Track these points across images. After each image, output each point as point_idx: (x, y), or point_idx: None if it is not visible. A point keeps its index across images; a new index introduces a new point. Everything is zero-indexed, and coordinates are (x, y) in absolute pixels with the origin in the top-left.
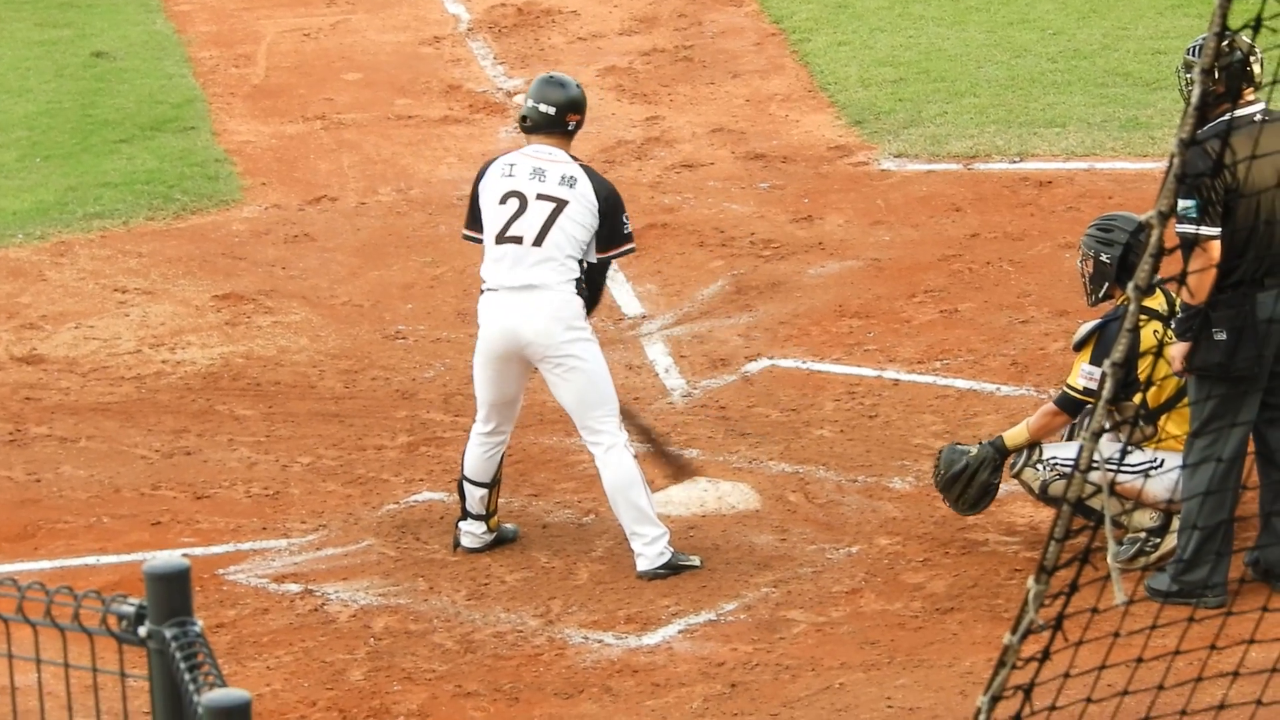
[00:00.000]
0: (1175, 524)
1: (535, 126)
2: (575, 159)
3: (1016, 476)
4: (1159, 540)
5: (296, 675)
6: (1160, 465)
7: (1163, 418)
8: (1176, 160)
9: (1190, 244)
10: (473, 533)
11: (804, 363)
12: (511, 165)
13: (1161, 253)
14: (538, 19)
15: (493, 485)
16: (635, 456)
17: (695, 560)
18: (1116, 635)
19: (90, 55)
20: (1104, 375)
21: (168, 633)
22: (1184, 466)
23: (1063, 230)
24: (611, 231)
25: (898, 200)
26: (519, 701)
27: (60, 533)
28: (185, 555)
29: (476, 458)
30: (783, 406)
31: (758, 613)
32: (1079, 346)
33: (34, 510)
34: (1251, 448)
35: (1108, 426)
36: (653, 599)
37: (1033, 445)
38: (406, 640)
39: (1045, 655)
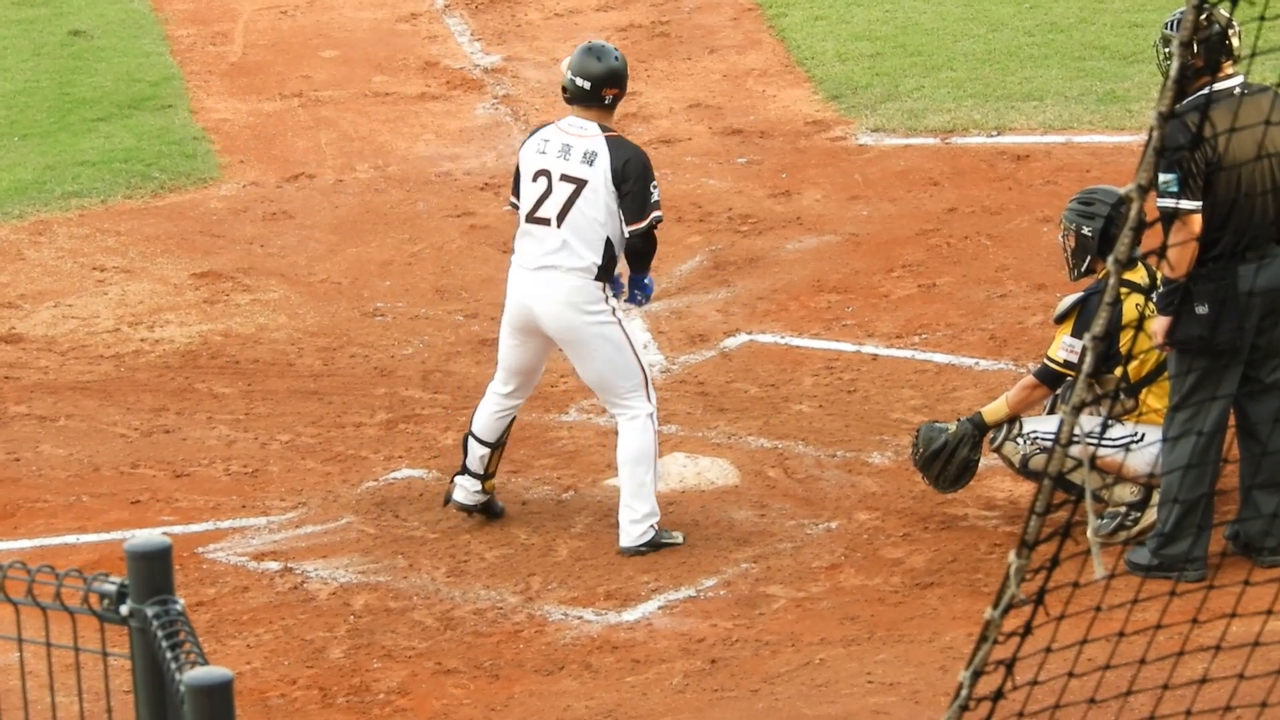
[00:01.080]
0: (1155, 498)
1: (573, 99)
2: (606, 129)
3: (997, 451)
4: (1139, 515)
5: (277, 653)
6: (1141, 439)
7: (1144, 391)
8: (1155, 134)
9: (1170, 217)
10: (467, 488)
11: (782, 338)
12: (546, 141)
13: (1142, 226)
14: None
15: (496, 447)
16: (657, 430)
17: (677, 537)
18: (1098, 610)
19: (68, 34)
20: (1084, 349)
21: (149, 611)
22: (1164, 440)
23: (1041, 204)
24: (634, 201)
25: (875, 175)
26: (499, 679)
27: (40, 511)
28: (165, 534)
29: (487, 415)
30: (761, 382)
31: (737, 588)
32: (1060, 319)
33: (13, 489)
34: (1232, 421)
35: (1088, 400)
36: (632, 575)
37: (1013, 419)
38: (386, 618)
39: (1027, 630)
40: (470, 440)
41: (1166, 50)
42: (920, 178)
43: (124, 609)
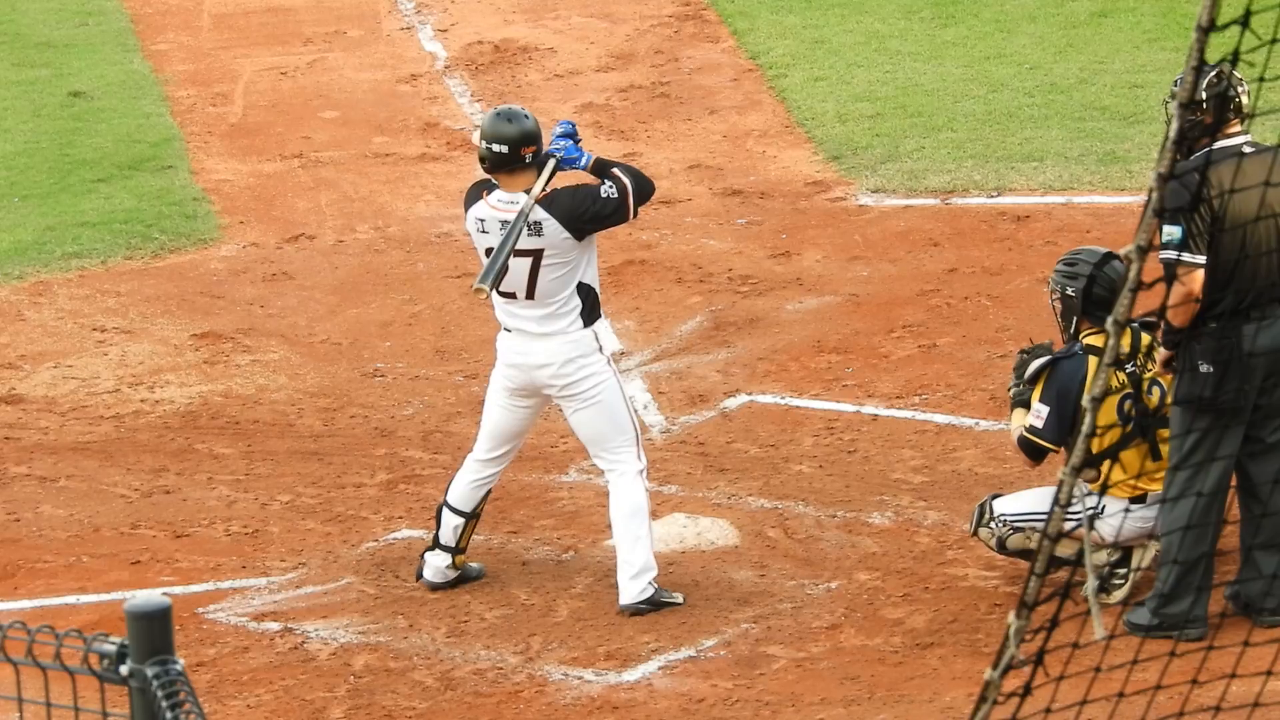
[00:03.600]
0: (1136, 558)
1: (494, 166)
2: (530, 193)
3: (974, 535)
4: (1125, 570)
5: (277, 713)
6: (1102, 511)
7: (1105, 463)
8: (1155, 195)
9: (1172, 271)
10: (437, 565)
11: (783, 398)
12: (481, 221)
13: (1139, 287)
14: (514, 56)
15: (471, 518)
16: (647, 488)
17: (677, 597)
18: (1098, 670)
19: (68, 95)
20: (1084, 409)
21: (149, 671)
22: (1164, 500)
23: (1041, 264)
24: (605, 219)
25: (875, 235)
26: None
27: (40, 572)
28: (165, 594)
29: (464, 484)
30: (762, 442)
31: (738, 649)
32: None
33: (13, 550)
34: (1234, 481)
35: (1086, 462)
36: (632, 635)
37: (983, 506)
38: (386, 678)
39: (1026, 690)
40: (444, 510)
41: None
42: (920, 238)
43: (124, 669)
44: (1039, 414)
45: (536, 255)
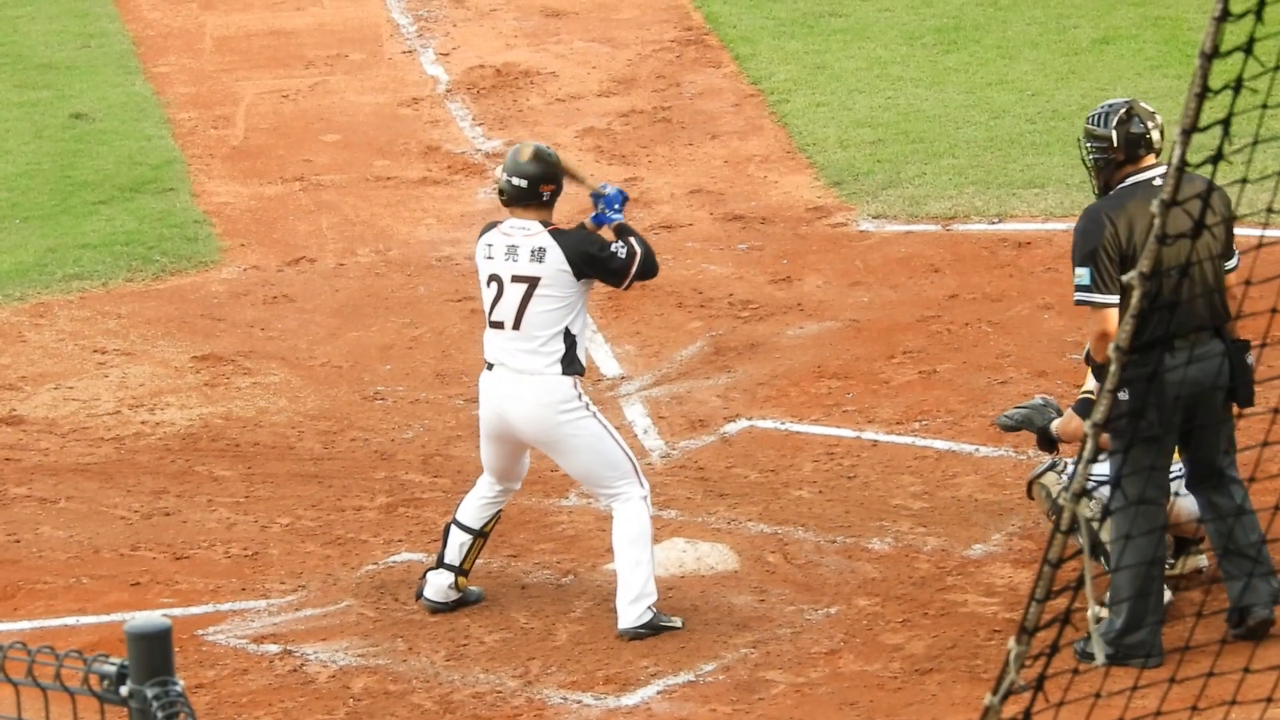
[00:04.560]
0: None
1: (511, 200)
2: (548, 225)
3: (1035, 479)
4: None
5: None
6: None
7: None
8: (1157, 221)
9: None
10: (438, 584)
11: (783, 423)
12: (490, 245)
13: (1142, 314)
14: (516, 80)
15: (478, 536)
16: (651, 513)
17: (676, 621)
18: (1098, 696)
19: (69, 117)
20: (1085, 436)
21: (149, 692)
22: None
23: (1042, 291)
24: (607, 270)
25: (876, 261)
26: None
27: (40, 593)
28: (165, 615)
29: (475, 502)
30: (761, 467)
31: (736, 673)
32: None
33: (13, 571)
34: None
35: (1090, 489)
36: (631, 660)
37: (1054, 459)
38: (386, 701)
39: (1026, 717)
40: (452, 528)
41: (1088, 145)
42: (921, 264)
43: (124, 690)
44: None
45: (532, 283)
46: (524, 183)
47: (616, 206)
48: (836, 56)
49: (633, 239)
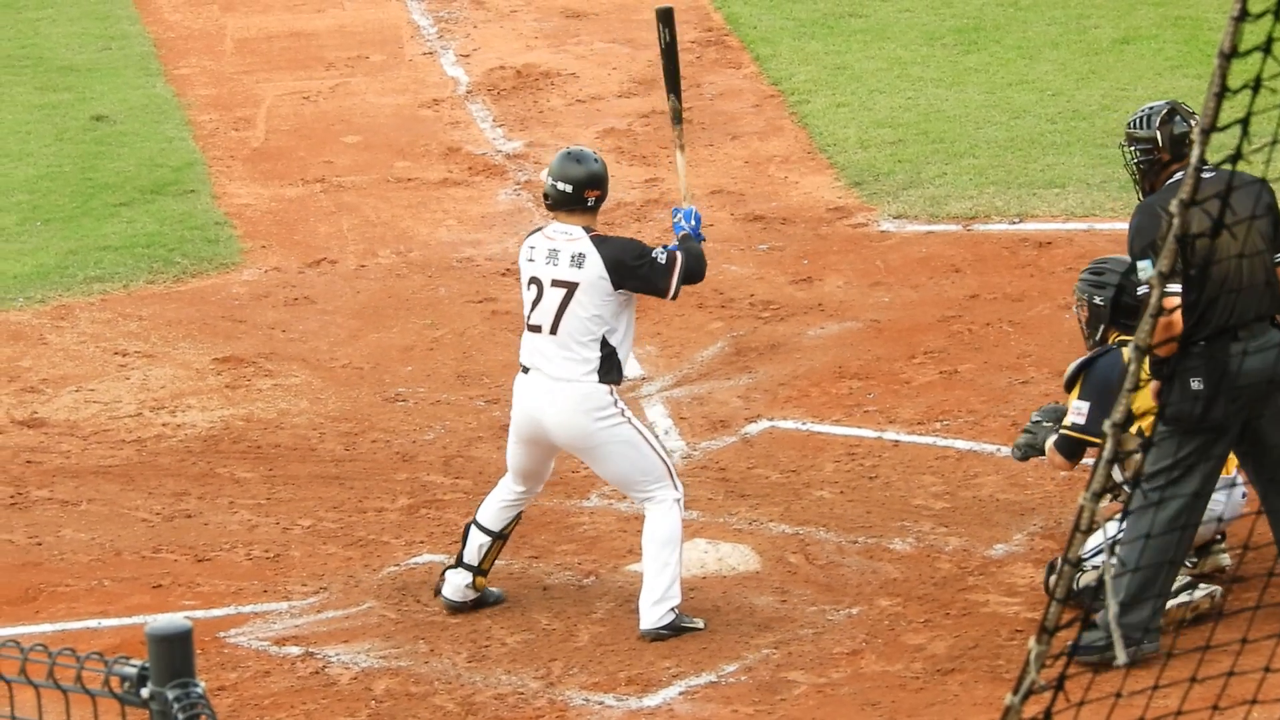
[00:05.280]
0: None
1: (556, 204)
2: (590, 231)
3: (1046, 585)
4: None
5: None
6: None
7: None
8: (1175, 221)
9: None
10: (456, 584)
11: (804, 424)
12: (532, 249)
13: (1160, 313)
14: (536, 81)
15: (498, 538)
16: (682, 518)
17: (698, 623)
18: (1119, 696)
19: (90, 119)
20: (1105, 435)
21: (170, 694)
22: (1126, 513)
23: (1063, 291)
24: (649, 277)
25: (897, 261)
26: None
27: (62, 596)
28: (187, 618)
29: (495, 504)
30: (783, 468)
31: (758, 674)
32: (1069, 385)
33: (35, 573)
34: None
35: (1110, 487)
36: (653, 661)
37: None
38: (408, 702)
39: (1047, 716)
40: (472, 528)
41: (1132, 149)
42: (942, 264)
43: (145, 692)
44: (1079, 410)
45: (571, 289)
46: (569, 187)
47: (693, 223)
48: (857, 57)
49: (684, 246)
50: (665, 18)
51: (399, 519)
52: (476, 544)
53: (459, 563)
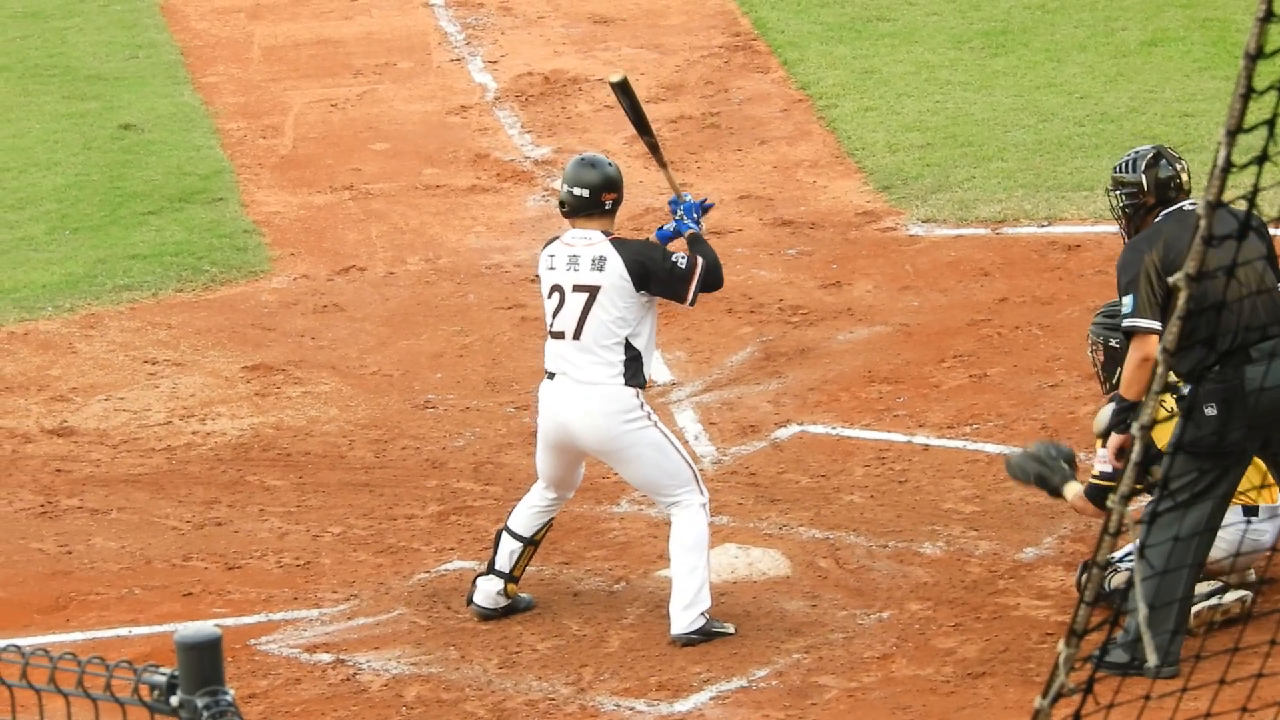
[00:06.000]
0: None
1: (573, 210)
2: (609, 235)
3: (1077, 585)
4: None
5: None
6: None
7: None
8: (1204, 222)
9: (1129, 336)
10: (488, 591)
11: (834, 428)
12: (552, 257)
13: (1189, 315)
14: (564, 87)
15: (529, 544)
16: (709, 522)
17: (729, 627)
18: (1147, 698)
19: (118, 128)
20: (1133, 439)
21: (200, 702)
22: (1143, 546)
23: (1092, 294)
24: (669, 281)
25: (926, 265)
26: None
27: (92, 604)
28: (217, 626)
29: (527, 510)
30: (813, 472)
31: (789, 679)
32: (1103, 435)
33: (66, 582)
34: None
35: (1140, 488)
36: (684, 666)
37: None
38: (439, 709)
39: (1077, 719)
40: (504, 535)
41: (1118, 193)
42: (971, 268)
43: (174, 700)
44: (1101, 458)
45: (593, 293)
46: (585, 192)
47: (696, 215)
48: (885, 61)
49: (700, 249)
50: (621, 89)
51: (429, 526)
52: (508, 550)
53: (490, 569)
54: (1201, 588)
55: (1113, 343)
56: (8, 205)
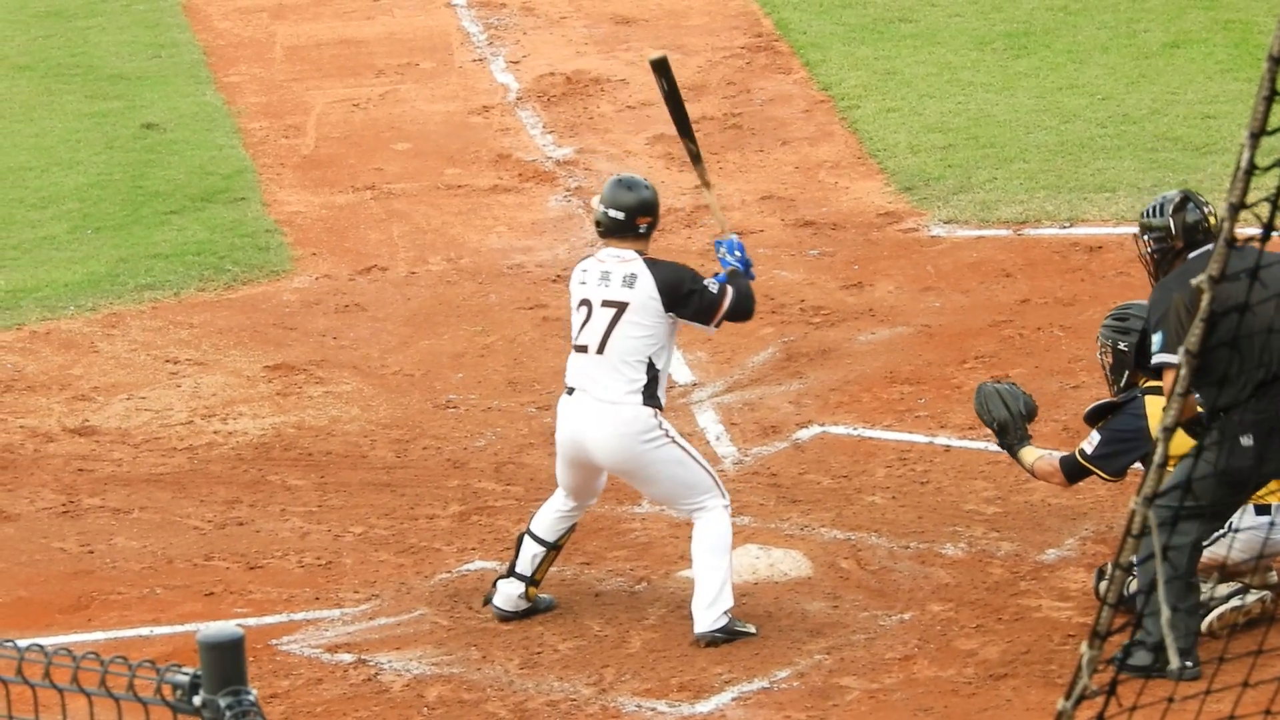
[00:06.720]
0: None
1: (608, 231)
2: (642, 255)
3: (1096, 591)
4: (1244, 595)
5: None
6: (1237, 530)
7: None
8: (1227, 225)
9: (1159, 371)
10: (509, 594)
11: (855, 429)
12: (584, 271)
13: (1211, 317)
14: (586, 88)
15: (551, 549)
16: (731, 524)
17: (751, 628)
18: (1170, 700)
19: (140, 127)
20: (1157, 441)
21: (222, 702)
22: (1166, 549)
23: (1113, 295)
24: (699, 306)
25: (948, 266)
26: None
27: (114, 604)
28: (239, 625)
29: (550, 515)
30: (834, 473)
31: (810, 680)
32: (1090, 420)
33: (87, 581)
34: None
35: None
36: (705, 666)
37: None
38: (460, 710)
39: None
40: (525, 538)
41: (1145, 238)
42: (993, 269)
43: (197, 700)
44: (1093, 441)
45: (621, 308)
46: (621, 215)
47: (739, 254)
48: (907, 62)
49: (734, 281)
50: (660, 68)
51: (450, 526)
52: (530, 554)
53: (511, 572)
54: (1222, 589)
55: (1121, 346)
56: (30, 204)
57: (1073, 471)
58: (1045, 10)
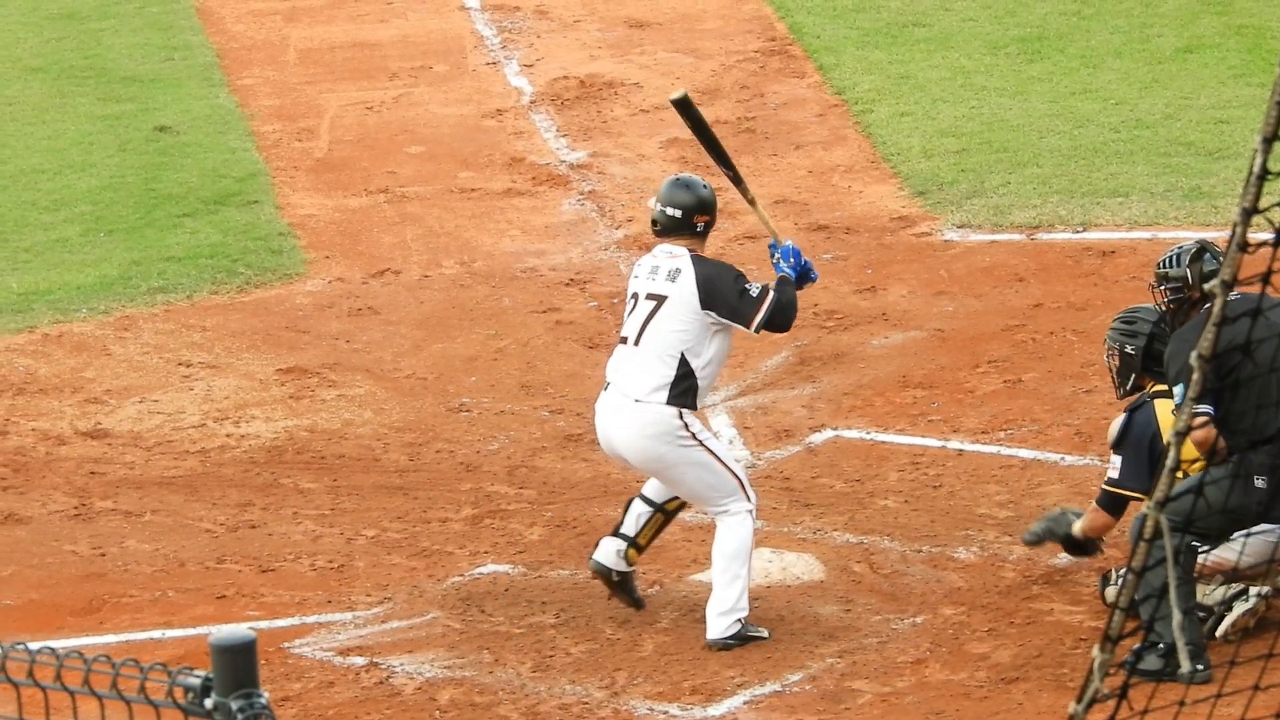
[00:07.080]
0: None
1: (665, 230)
2: (692, 252)
3: (1102, 597)
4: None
5: None
6: (1248, 535)
7: None
8: (1239, 230)
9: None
10: (608, 549)
11: (868, 433)
12: (639, 266)
13: (1224, 322)
14: (600, 91)
15: (659, 510)
16: (754, 529)
17: (763, 632)
18: (1182, 704)
19: (153, 130)
20: (1168, 445)
21: (234, 705)
22: (1177, 553)
23: (1126, 300)
24: (735, 306)
25: (961, 270)
26: None
27: (125, 606)
28: (251, 628)
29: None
30: (847, 477)
31: (823, 683)
32: (1116, 444)
33: (99, 584)
34: None
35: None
36: (718, 670)
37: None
38: (472, 713)
39: None
40: (635, 500)
41: (1162, 288)
42: (1006, 273)
43: (208, 703)
44: (1114, 465)
45: (660, 301)
46: (678, 213)
47: (793, 261)
48: (920, 66)
49: (780, 286)
50: (682, 107)
51: (463, 529)
52: (636, 514)
53: (616, 532)
54: (1219, 593)
55: (1128, 349)
56: (43, 207)
57: (1110, 504)
58: (1058, 15)
